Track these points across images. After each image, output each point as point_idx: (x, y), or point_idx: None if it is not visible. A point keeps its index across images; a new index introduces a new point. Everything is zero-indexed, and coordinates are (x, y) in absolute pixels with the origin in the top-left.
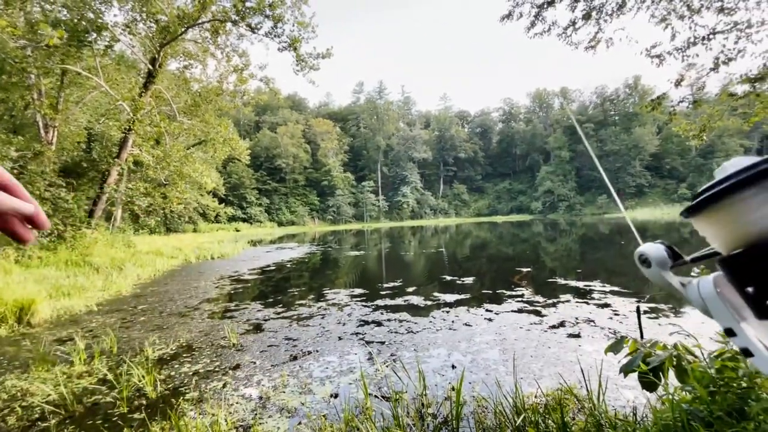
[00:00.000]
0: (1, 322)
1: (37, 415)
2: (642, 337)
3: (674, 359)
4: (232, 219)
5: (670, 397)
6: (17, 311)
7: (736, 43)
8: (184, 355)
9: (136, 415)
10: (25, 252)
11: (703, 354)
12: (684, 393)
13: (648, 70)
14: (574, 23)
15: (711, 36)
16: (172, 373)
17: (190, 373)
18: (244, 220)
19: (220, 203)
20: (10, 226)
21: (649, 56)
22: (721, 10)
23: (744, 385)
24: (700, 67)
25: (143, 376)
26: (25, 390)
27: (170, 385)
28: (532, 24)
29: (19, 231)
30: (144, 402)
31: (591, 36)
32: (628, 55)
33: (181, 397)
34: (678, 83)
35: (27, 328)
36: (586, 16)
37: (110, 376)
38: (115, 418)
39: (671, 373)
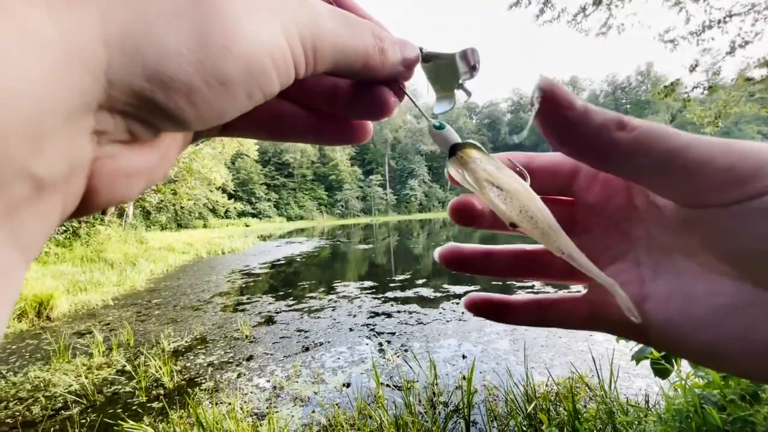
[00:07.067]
0: (21, 316)
1: (60, 404)
2: None
3: None
4: (241, 214)
5: (683, 382)
6: (37, 306)
7: (753, 25)
8: (199, 346)
9: (155, 404)
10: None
11: None
12: (697, 378)
13: (661, 56)
14: (584, 9)
15: (727, 18)
16: (188, 364)
17: (205, 364)
18: (253, 216)
19: (229, 199)
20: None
21: (662, 41)
22: None
23: None
24: (715, 51)
25: (160, 367)
26: (47, 381)
27: (186, 376)
28: (541, 11)
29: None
30: (162, 392)
31: (602, 22)
32: (640, 41)
33: (198, 387)
34: (692, 68)
35: (46, 322)
36: (597, 2)
37: (128, 367)
38: (134, 407)
39: (684, 360)
